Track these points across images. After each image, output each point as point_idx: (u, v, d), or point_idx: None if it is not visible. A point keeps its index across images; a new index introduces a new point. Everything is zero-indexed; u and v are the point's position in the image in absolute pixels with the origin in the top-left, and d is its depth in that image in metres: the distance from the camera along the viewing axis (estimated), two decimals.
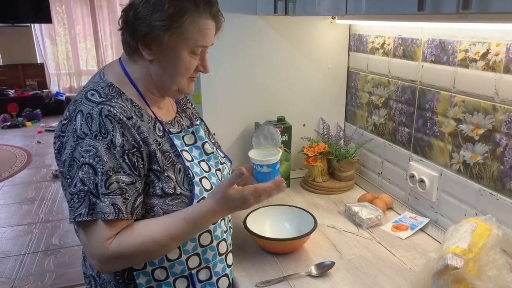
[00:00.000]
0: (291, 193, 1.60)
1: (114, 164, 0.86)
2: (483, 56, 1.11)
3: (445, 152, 1.28)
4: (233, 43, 1.57)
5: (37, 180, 4.23)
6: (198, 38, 0.94)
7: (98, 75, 0.98)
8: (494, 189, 1.12)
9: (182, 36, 0.91)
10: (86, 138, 0.86)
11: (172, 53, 0.93)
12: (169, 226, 0.91)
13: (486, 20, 0.97)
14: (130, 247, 0.88)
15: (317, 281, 1.07)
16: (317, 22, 1.66)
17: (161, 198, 0.93)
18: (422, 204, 1.40)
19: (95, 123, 0.87)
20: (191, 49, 0.94)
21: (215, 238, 1.03)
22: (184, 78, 0.98)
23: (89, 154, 0.86)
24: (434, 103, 1.30)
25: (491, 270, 0.92)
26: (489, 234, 0.97)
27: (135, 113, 0.93)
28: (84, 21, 7.04)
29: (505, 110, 1.06)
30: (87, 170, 0.86)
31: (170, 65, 0.95)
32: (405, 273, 1.10)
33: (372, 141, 1.65)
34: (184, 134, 1.04)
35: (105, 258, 0.87)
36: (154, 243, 0.89)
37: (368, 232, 1.31)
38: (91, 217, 0.85)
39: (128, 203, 0.88)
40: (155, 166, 0.93)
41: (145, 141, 0.91)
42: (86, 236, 0.87)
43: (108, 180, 0.86)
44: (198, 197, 0.96)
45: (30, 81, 6.91)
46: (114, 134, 0.87)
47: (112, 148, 0.86)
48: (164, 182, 0.93)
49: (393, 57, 1.48)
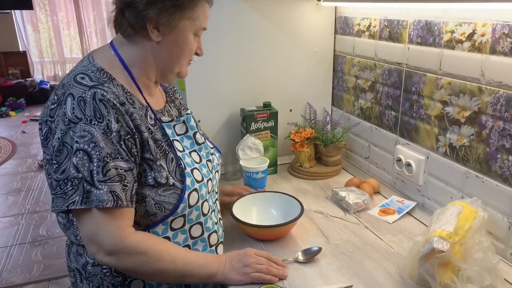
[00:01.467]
0: (278, 179, 1.59)
1: (111, 149, 0.84)
2: (469, 37, 1.09)
3: (431, 135, 1.27)
4: (217, 27, 1.53)
5: (23, 171, 4.17)
6: (202, 21, 0.96)
7: (86, 59, 0.95)
8: (480, 171, 1.12)
9: (191, 18, 0.93)
10: (80, 123, 0.83)
11: (180, 34, 0.93)
12: (186, 252, 0.97)
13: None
14: (150, 245, 0.89)
15: (304, 267, 1.06)
16: (302, 4, 1.63)
17: (153, 188, 0.91)
18: (409, 187, 1.40)
19: (89, 107, 0.84)
20: (196, 31, 0.96)
21: (206, 229, 1.02)
22: (187, 60, 0.99)
23: (84, 139, 0.83)
24: (420, 86, 1.29)
25: (477, 253, 0.93)
26: (475, 216, 0.97)
27: (127, 100, 0.90)
28: (67, 7, 6.87)
29: (491, 91, 1.05)
30: (82, 156, 0.83)
31: (177, 46, 0.95)
32: (392, 257, 1.10)
33: (359, 126, 1.63)
34: (175, 123, 1.02)
35: (120, 248, 0.86)
36: (168, 254, 0.91)
37: (355, 216, 1.31)
38: (85, 205, 0.83)
39: (127, 190, 0.86)
40: (147, 155, 0.91)
41: (138, 128, 0.89)
42: (98, 225, 0.85)
43: (105, 167, 0.83)
44: (189, 188, 0.94)
45: (12, 70, 6.75)
46: (110, 119, 0.85)
47: (108, 133, 0.84)
48: (156, 171, 0.91)
49: (379, 39, 1.46)
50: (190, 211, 0.96)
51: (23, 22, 6.72)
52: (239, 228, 1.21)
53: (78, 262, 0.98)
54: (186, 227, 0.98)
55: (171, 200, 0.92)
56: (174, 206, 0.93)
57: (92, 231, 0.86)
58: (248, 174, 1.42)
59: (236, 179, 1.60)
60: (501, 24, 1.00)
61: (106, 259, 0.87)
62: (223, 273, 0.96)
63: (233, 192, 1.33)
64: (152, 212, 0.92)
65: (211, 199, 1.05)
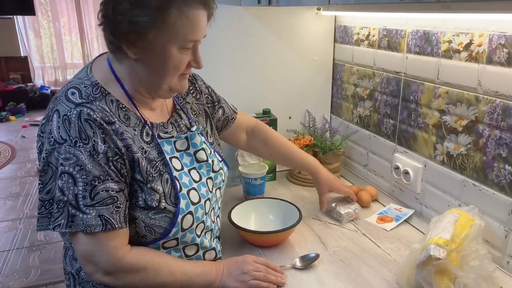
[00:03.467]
0: (277, 186, 1.59)
1: (99, 172, 0.81)
2: (466, 47, 1.10)
3: (429, 144, 1.28)
4: (217, 35, 1.55)
5: (22, 175, 4.16)
6: (188, 33, 0.85)
7: (85, 70, 0.92)
8: (477, 180, 1.12)
9: (169, 32, 0.83)
10: (65, 144, 0.81)
11: (159, 50, 0.84)
12: (184, 263, 0.95)
13: (469, 10, 0.97)
14: (148, 260, 0.88)
15: (301, 274, 1.06)
16: (302, 13, 1.65)
17: (144, 210, 0.89)
18: (407, 195, 1.41)
19: (74, 128, 0.81)
20: (181, 45, 0.86)
21: (201, 249, 1.01)
22: (175, 76, 0.90)
23: (69, 162, 0.81)
24: (418, 95, 1.30)
25: (473, 261, 0.93)
26: (472, 224, 0.98)
27: (119, 117, 0.87)
28: (69, 14, 6.90)
29: (488, 101, 1.06)
30: (67, 179, 0.81)
31: (157, 64, 0.86)
32: (390, 265, 1.10)
33: (357, 133, 1.64)
34: (176, 139, 0.97)
35: (118, 267, 0.85)
36: (166, 267, 0.90)
37: (353, 224, 1.31)
38: (69, 229, 0.82)
39: (121, 211, 0.84)
40: (137, 176, 0.88)
41: (128, 148, 0.86)
42: (93, 246, 0.83)
43: (93, 190, 0.81)
44: (183, 211, 0.92)
45: (13, 75, 6.76)
46: (96, 140, 0.81)
47: (95, 156, 0.81)
48: (147, 194, 0.88)
49: (378, 48, 1.47)
50: (183, 235, 0.94)
51: (25, 27, 6.75)
52: (237, 234, 1.22)
53: (73, 267, 0.98)
54: (179, 247, 0.97)
55: (162, 224, 0.90)
56: (165, 230, 0.90)
57: (88, 252, 0.84)
58: (246, 181, 1.43)
59: (235, 185, 1.60)
60: (498, 35, 1.01)
61: (104, 279, 0.86)
62: (221, 281, 0.96)
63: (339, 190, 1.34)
64: (142, 234, 0.90)
65: (209, 219, 1.02)
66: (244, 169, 1.45)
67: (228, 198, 1.46)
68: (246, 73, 1.64)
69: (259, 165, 1.49)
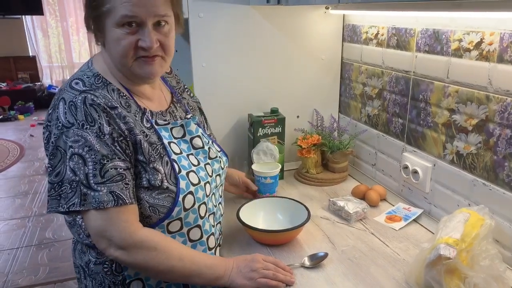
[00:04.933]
0: (285, 185, 1.59)
1: (107, 151, 0.86)
2: (476, 46, 1.10)
3: (438, 143, 1.28)
4: (226, 34, 1.55)
5: (30, 174, 4.20)
6: (120, 8, 0.85)
7: (86, 64, 0.98)
8: (487, 179, 1.12)
9: (103, 9, 0.87)
10: (73, 128, 0.85)
11: (106, 32, 0.90)
12: (193, 252, 0.97)
13: (480, 8, 0.96)
14: (159, 240, 0.90)
15: (310, 272, 1.06)
16: (310, 12, 1.64)
17: (148, 190, 0.92)
18: (416, 195, 1.40)
19: (81, 112, 0.86)
20: (117, 22, 0.87)
21: (204, 232, 1.03)
22: (127, 58, 0.90)
23: (78, 144, 0.85)
24: (427, 94, 1.30)
25: (483, 260, 0.92)
26: (482, 224, 0.97)
27: (121, 104, 0.92)
28: (77, 13, 6.94)
29: (499, 100, 1.05)
30: (77, 160, 0.85)
31: (109, 46, 0.92)
32: (398, 264, 1.10)
33: (365, 133, 1.64)
34: (172, 126, 1.02)
35: (130, 242, 0.87)
36: (176, 251, 0.92)
37: (362, 223, 1.31)
38: (83, 207, 0.85)
39: (130, 188, 0.88)
40: (140, 157, 0.92)
41: (131, 131, 0.90)
42: (105, 222, 0.86)
43: (103, 169, 0.85)
44: (184, 191, 0.95)
45: (22, 74, 6.83)
46: (101, 123, 0.87)
47: (101, 136, 0.86)
48: (150, 173, 0.92)
49: (387, 47, 1.47)
50: (186, 214, 0.97)
51: (33, 27, 6.81)
52: (245, 232, 1.22)
53: (82, 260, 1.00)
54: (184, 230, 0.98)
55: (166, 204, 0.93)
56: (168, 210, 0.93)
57: (101, 227, 0.87)
58: (257, 178, 1.44)
59: None
60: (509, 33, 1.00)
61: (117, 253, 0.88)
62: (229, 277, 0.97)
63: (238, 183, 1.40)
64: (147, 215, 0.93)
65: (211, 202, 1.05)
66: (256, 166, 1.46)
67: (237, 197, 1.47)
68: (254, 72, 1.64)
69: (273, 164, 1.48)
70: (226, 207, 1.22)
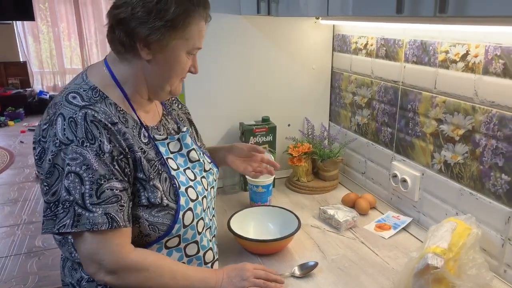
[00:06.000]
0: (276, 193, 1.60)
1: (105, 171, 0.83)
2: (462, 58, 1.12)
3: (426, 152, 1.30)
4: (217, 43, 1.56)
5: (20, 181, 4.16)
6: (196, 40, 0.94)
7: (80, 77, 0.94)
8: (474, 188, 1.13)
9: (184, 37, 0.91)
10: (72, 145, 0.82)
11: (171, 53, 0.91)
12: (185, 267, 0.96)
13: (464, 22, 0.98)
14: (151, 261, 0.89)
15: (300, 282, 1.07)
16: (301, 22, 1.66)
17: (147, 208, 0.90)
18: (405, 203, 1.42)
19: (81, 129, 0.83)
20: (189, 50, 0.94)
21: (201, 248, 1.02)
22: (179, 78, 0.97)
23: (75, 162, 0.82)
24: (416, 104, 1.32)
25: (470, 269, 0.94)
26: (469, 233, 0.99)
27: (119, 119, 0.90)
28: (68, 19, 6.93)
29: (484, 111, 1.07)
30: (73, 179, 0.82)
31: (168, 65, 0.93)
32: (388, 273, 1.11)
33: (355, 141, 1.66)
34: (169, 141, 1.01)
35: (121, 266, 0.86)
36: (169, 270, 0.91)
37: (352, 231, 1.32)
38: (75, 229, 0.82)
39: (124, 210, 0.86)
40: (140, 174, 0.90)
41: (130, 148, 0.89)
42: (97, 245, 0.84)
43: (99, 189, 0.83)
44: (184, 208, 0.94)
45: (12, 80, 6.78)
46: (102, 140, 0.84)
47: (101, 155, 0.83)
48: (150, 191, 0.90)
49: (376, 57, 1.49)
50: (185, 231, 0.96)
51: (24, 33, 6.77)
52: (236, 242, 1.22)
53: (73, 277, 0.98)
54: (181, 246, 0.98)
55: (165, 221, 0.92)
56: (168, 227, 0.92)
57: (92, 251, 0.85)
58: (250, 187, 1.44)
59: (234, 192, 1.61)
60: (494, 46, 1.03)
61: (107, 278, 0.86)
62: (221, 287, 0.97)
63: (243, 150, 1.29)
64: (146, 233, 0.91)
65: (207, 217, 1.05)
66: None
67: (227, 206, 1.47)
68: (245, 81, 1.65)
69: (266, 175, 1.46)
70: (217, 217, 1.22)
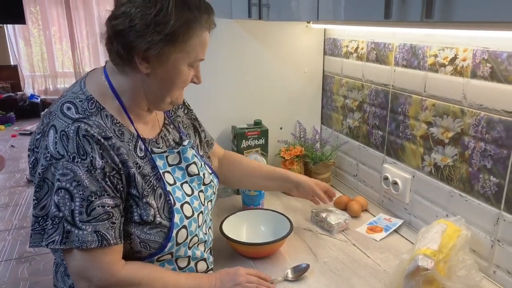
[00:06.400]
0: (268, 196, 1.60)
1: (96, 187, 0.82)
2: (451, 61, 1.14)
3: (417, 155, 1.31)
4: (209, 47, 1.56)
5: (11, 185, 4.12)
6: (199, 52, 0.91)
7: (78, 85, 0.92)
8: (463, 190, 1.15)
9: (185, 50, 0.88)
10: (62, 160, 0.80)
11: (172, 67, 0.88)
12: (178, 276, 0.95)
13: (451, 26, 1.00)
14: (142, 275, 0.88)
15: (293, 285, 1.07)
16: (292, 26, 1.68)
17: (139, 225, 0.89)
18: (396, 205, 1.43)
19: (72, 144, 0.81)
20: (191, 63, 0.91)
21: (192, 260, 1.01)
22: (180, 90, 0.95)
23: (66, 178, 0.80)
24: (406, 107, 1.33)
25: (460, 271, 0.95)
26: (459, 235, 1.00)
27: (115, 132, 0.88)
28: (60, 22, 6.88)
29: (473, 113, 1.09)
30: (63, 195, 0.80)
31: (168, 78, 0.90)
32: (379, 275, 1.11)
33: (347, 144, 1.67)
34: (168, 154, 0.99)
35: (112, 283, 0.85)
36: (161, 281, 0.90)
37: (344, 234, 1.33)
38: (64, 246, 0.81)
39: (116, 227, 0.84)
40: (133, 191, 0.88)
41: (124, 163, 0.87)
42: (87, 262, 0.83)
43: (90, 206, 0.81)
44: (178, 226, 0.93)
45: (3, 83, 6.70)
46: (94, 156, 0.82)
47: (93, 171, 0.81)
48: (143, 208, 0.88)
49: (367, 61, 1.50)
50: (178, 249, 0.95)
51: (15, 36, 6.71)
52: (228, 246, 1.22)
53: (65, 283, 0.97)
54: (173, 259, 0.97)
55: (158, 239, 0.90)
56: (161, 245, 0.91)
57: (81, 268, 0.84)
58: (242, 190, 1.45)
59: (227, 195, 1.61)
60: (481, 50, 1.04)
61: None
62: None
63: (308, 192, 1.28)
64: (137, 250, 0.90)
65: (202, 232, 1.03)
66: None
67: (220, 210, 1.47)
68: (237, 84, 1.66)
69: None
70: None
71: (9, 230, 3.27)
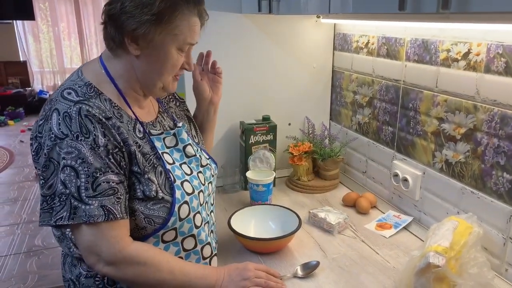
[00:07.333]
0: (276, 192, 1.60)
1: (101, 164, 0.84)
2: (464, 56, 1.12)
3: (428, 151, 1.29)
4: (218, 42, 1.56)
5: (20, 180, 4.15)
6: (187, 35, 0.93)
7: (76, 73, 0.96)
8: (475, 187, 1.13)
9: (172, 32, 0.90)
10: (67, 139, 0.83)
11: (160, 49, 0.91)
12: (184, 263, 0.97)
13: (467, 20, 0.98)
14: (149, 255, 0.90)
15: (301, 281, 1.06)
16: (302, 21, 1.66)
17: (143, 201, 0.91)
18: (406, 202, 1.42)
19: (75, 123, 0.84)
20: (179, 46, 0.93)
21: (199, 242, 1.02)
22: (170, 75, 0.96)
23: (71, 156, 0.83)
24: (417, 102, 1.31)
25: (472, 268, 0.93)
26: (470, 232, 0.99)
27: (114, 114, 0.90)
28: (68, 18, 6.93)
29: (486, 109, 1.07)
30: (69, 172, 0.83)
31: (157, 61, 0.93)
32: (389, 272, 1.10)
33: (356, 140, 1.65)
34: (165, 136, 1.02)
35: (120, 258, 0.86)
36: (167, 265, 0.91)
37: (352, 230, 1.32)
38: (72, 221, 0.83)
39: (121, 202, 0.87)
40: (135, 168, 0.91)
41: (125, 142, 0.89)
42: (94, 237, 0.85)
43: (95, 182, 0.84)
44: (179, 201, 0.95)
45: (12, 79, 6.77)
46: (96, 134, 0.85)
47: (96, 148, 0.84)
48: (145, 184, 0.91)
49: (377, 56, 1.49)
50: (181, 224, 0.96)
51: (25, 32, 6.77)
52: (237, 241, 1.22)
53: (72, 273, 0.99)
54: (178, 240, 0.98)
55: (161, 214, 0.92)
56: (164, 220, 0.93)
57: (90, 242, 0.86)
58: (250, 185, 1.45)
59: (235, 191, 1.61)
60: (496, 44, 1.02)
61: (106, 269, 0.87)
62: (221, 286, 0.96)
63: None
64: (142, 226, 0.92)
65: (205, 211, 1.05)
66: (250, 174, 1.47)
67: (228, 205, 1.47)
68: (246, 79, 1.65)
69: (267, 172, 1.49)
70: (217, 215, 1.22)
71: (18, 224, 3.30)
